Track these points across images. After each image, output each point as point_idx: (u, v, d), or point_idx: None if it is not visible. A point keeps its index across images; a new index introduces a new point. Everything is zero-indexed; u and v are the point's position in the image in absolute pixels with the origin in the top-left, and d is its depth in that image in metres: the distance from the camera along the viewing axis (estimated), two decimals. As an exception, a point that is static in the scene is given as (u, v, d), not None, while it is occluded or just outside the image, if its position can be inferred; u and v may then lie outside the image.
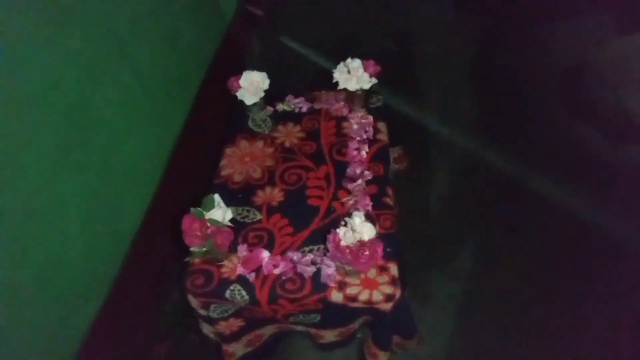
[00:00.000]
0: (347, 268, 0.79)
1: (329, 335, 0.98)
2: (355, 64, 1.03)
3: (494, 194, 1.49)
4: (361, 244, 0.73)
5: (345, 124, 1.11)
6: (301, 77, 1.95)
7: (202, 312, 0.91)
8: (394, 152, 1.30)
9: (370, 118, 1.10)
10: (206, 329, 1.02)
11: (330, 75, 1.06)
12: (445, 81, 1.89)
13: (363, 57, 1.06)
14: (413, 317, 0.95)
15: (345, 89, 1.06)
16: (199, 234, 0.74)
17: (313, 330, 0.97)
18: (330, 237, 0.76)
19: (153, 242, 1.21)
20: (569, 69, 1.95)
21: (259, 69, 1.09)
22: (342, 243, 0.74)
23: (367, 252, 0.72)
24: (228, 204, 0.86)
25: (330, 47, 2.06)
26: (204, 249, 0.75)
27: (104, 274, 1.03)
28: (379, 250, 0.73)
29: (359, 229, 0.74)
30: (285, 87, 1.20)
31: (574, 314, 1.18)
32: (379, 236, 0.77)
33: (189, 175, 1.47)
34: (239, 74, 1.08)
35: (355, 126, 1.08)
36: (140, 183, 1.18)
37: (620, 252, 1.30)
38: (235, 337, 0.95)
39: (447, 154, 1.61)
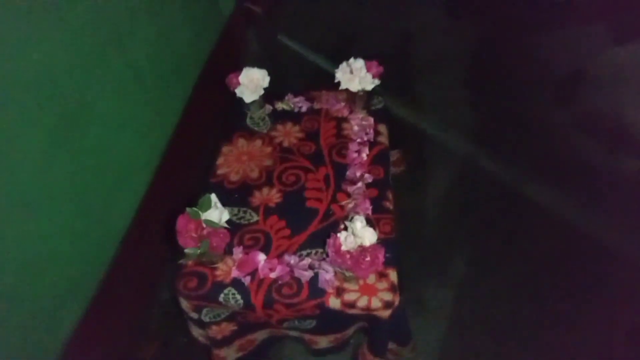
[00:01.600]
0: (347, 274, 0.77)
1: (323, 341, 0.96)
2: (358, 64, 1.00)
3: (489, 201, 1.48)
4: (362, 249, 0.71)
5: (345, 125, 1.08)
6: (298, 75, 1.93)
7: (194, 315, 0.88)
8: (392, 156, 1.28)
9: (371, 120, 1.08)
10: (196, 332, 0.99)
11: (328, 75, 1.03)
12: (443, 86, 1.88)
13: (360, 56, 1.03)
14: (409, 324, 0.94)
15: (346, 90, 1.04)
16: (194, 235, 0.71)
17: (307, 336, 0.95)
18: (330, 241, 0.74)
19: (143, 240, 1.18)
20: (566, 77, 1.96)
21: (256, 66, 1.06)
22: (343, 248, 0.71)
23: (368, 258, 0.69)
24: (224, 204, 0.83)
25: (327, 47, 2.04)
26: (199, 250, 0.72)
27: (92, 272, 0.99)
28: (380, 256, 0.71)
29: (360, 233, 0.72)
30: (282, 85, 1.18)
31: (568, 322, 1.17)
32: (379, 241, 0.75)
33: (183, 173, 1.44)
34: (236, 70, 1.05)
35: (355, 128, 1.06)
36: (133, 179, 1.15)
37: (614, 260, 1.31)
38: (226, 341, 0.92)
39: (444, 159, 1.60)
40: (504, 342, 1.13)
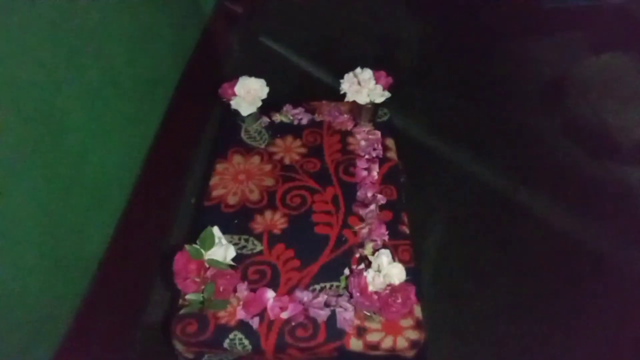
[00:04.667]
0: (369, 313, 0.69)
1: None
2: (366, 75, 0.92)
3: (483, 209, 1.45)
4: (392, 289, 0.63)
5: (350, 140, 1.00)
6: (285, 81, 1.83)
7: (190, 356, 0.77)
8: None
9: (378, 134, 1.00)
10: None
11: (316, 80, 0.95)
12: (431, 91, 1.85)
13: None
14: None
15: (353, 102, 0.96)
16: (197, 279, 0.60)
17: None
18: (354, 281, 0.65)
19: (122, 263, 1.05)
20: (551, 84, 1.97)
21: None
22: (370, 289, 0.63)
23: (399, 300, 0.61)
24: (222, 231, 0.73)
25: (312, 49, 1.96)
26: (203, 296, 0.62)
27: (67, 302, 0.87)
28: (412, 297, 0.63)
29: (387, 271, 0.64)
30: (271, 92, 1.09)
31: (567, 331, 1.15)
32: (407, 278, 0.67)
33: (165, 186, 1.31)
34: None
35: (362, 142, 0.98)
36: (109, 197, 1.03)
37: (605, 266, 1.31)
38: (229, 386, 0.82)
39: (435, 167, 1.56)
40: (504, 352, 1.09)
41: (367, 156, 0.96)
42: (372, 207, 0.86)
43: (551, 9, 2.16)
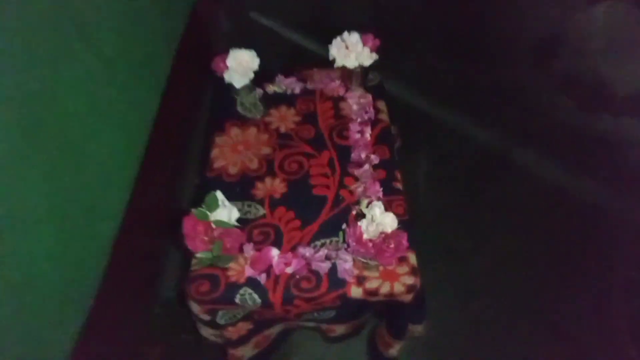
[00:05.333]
0: (368, 262, 0.74)
1: (341, 329, 0.94)
2: (353, 38, 0.95)
3: (478, 169, 1.48)
4: (385, 236, 0.68)
5: (343, 105, 1.03)
6: (276, 53, 1.84)
7: (205, 317, 0.84)
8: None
9: (369, 97, 1.04)
10: (206, 332, 0.94)
11: (306, 51, 0.97)
12: (423, 55, 1.85)
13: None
14: (426, 304, 0.93)
15: (341, 67, 0.98)
16: (205, 238, 0.66)
17: (324, 326, 0.93)
18: (350, 231, 0.70)
19: (136, 240, 1.11)
20: (542, 40, 1.96)
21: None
22: (365, 237, 0.68)
23: (392, 245, 0.67)
24: (226, 199, 0.78)
25: (301, 18, 1.95)
26: (212, 254, 0.67)
27: (85, 281, 0.92)
28: (404, 241, 0.68)
29: (380, 220, 0.69)
30: (263, 65, 1.11)
31: (566, 284, 1.20)
32: (399, 226, 0.72)
33: (169, 164, 1.36)
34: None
35: (354, 107, 1.01)
36: (117, 178, 1.07)
37: (604, 217, 1.34)
38: (243, 340, 0.89)
39: (430, 130, 1.58)
40: (507, 307, 1.15)
41: (359, 119, 0.99)
42: (366, 166, 0.90)
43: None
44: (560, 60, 1.90)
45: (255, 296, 0.77)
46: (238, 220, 0.80)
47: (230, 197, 0.84)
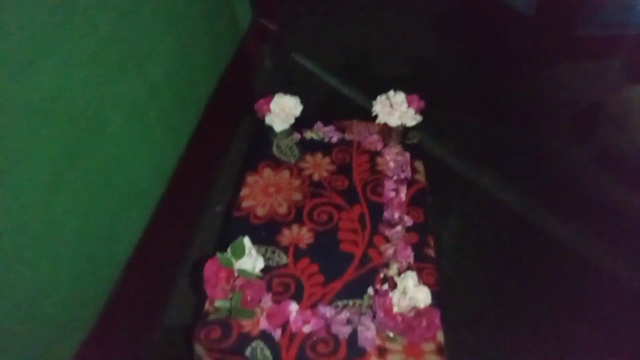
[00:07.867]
0: (391, 334, 0.69)
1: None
2: (399, 98, 0.94)
3: (510, 236, 1.43)
4: (417, 312, 0.63)
5: (379, 160, 1.02)
6: (314, 96, 1.87)
7: (209, 362, 0.79)
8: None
9: (407, 155, 1.02)
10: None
11: (344, 98, 0.96)
12: (460, 114, 1.85)
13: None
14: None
15: (383, 123, 0.97)
16: (226, 287, 0.62)
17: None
18: (379, 301, 0.66)
19: (148, 265, 1.09)
20: (583, 112, 1.94)
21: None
22: (395, 310, 0.63)
23: (424, 324, 0.62)
24: (251, 241, 0.75)
25: (342, 68, 2.00)
26: (230, 304, 0.64)
27: (92, 300, 0.90)
28: (437, 321, 0.63)
29: (413, 293, 0.65)
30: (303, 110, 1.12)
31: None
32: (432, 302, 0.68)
33: (191, 195, 1.35)
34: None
35: (391, 164, 0.99)
36: (141, 201, 1.07)
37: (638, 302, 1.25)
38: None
39: (461, 190, 1.55)
40: None
41: (395, 177, 0.97)
42: (399, 228, 0.87)
43: (585, 36, 2.15)
44: (600, 133, 1.87)
45: (267, 352, 0.72)
46: (260, 267, 0.77)
47: (254, 240, 0.82)
